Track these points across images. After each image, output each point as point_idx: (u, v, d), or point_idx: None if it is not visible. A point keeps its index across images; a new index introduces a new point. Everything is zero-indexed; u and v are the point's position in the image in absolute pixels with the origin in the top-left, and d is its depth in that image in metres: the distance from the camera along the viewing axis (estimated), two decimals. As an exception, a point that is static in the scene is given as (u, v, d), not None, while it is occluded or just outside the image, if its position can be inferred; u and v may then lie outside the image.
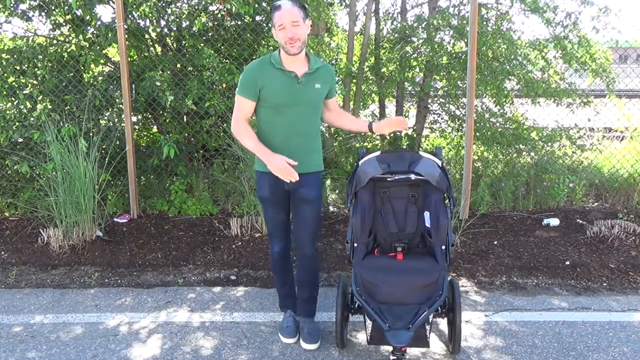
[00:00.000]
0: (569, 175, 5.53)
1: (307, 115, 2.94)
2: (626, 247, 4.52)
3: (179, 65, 5.24)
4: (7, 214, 5.32)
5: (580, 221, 5.01)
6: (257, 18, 5.47)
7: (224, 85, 5.22)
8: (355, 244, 2.92)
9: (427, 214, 3.00)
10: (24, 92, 5.15)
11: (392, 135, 6.12)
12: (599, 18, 5.57)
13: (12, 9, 4.93)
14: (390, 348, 3.04)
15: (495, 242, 4.67)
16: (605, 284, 4.01)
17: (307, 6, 3.05)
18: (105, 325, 3.44)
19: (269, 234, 3.23)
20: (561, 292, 3.91)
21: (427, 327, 2.72)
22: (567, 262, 4.30)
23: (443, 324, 3.36)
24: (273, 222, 3.14)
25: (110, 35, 4.99)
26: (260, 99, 2.89)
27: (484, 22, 5.68)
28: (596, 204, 5.64)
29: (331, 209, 5.54)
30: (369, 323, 2.74)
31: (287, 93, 2.86)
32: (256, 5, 5.09)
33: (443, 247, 2.86)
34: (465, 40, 5.42)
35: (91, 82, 5.30)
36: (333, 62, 6.07)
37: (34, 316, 3.59)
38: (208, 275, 4.25)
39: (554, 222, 4.98)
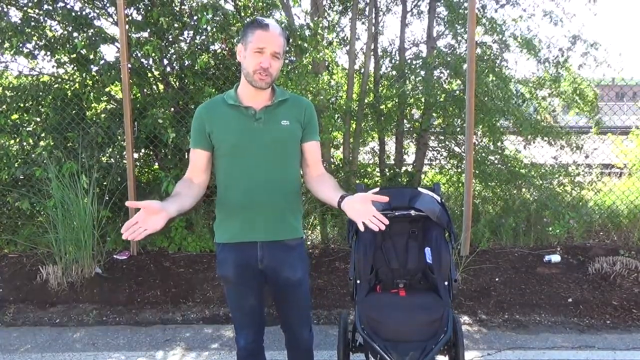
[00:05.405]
0: (568, 212, 5.53)
1: (273, 161, 2.27)
2: (628, 284, 4.50)
3: (180, 103, 5.31)
4: (6, 251, 5.29)
5: (582, 258, 4.99)
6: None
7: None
8: (358, 281, 2.90)
9: (427, 250, 3.00)
10: (28, 129, 5.20)
11: (391, 171, 6.15)
12: (589, 54, 5.67)
13: (18, 48, 5.02)
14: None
15: (497, 279, 4.64)
16: (608, 322, 3.98)
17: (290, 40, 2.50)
18: (102, 365, 3.40)
19: (233, 323, 2.53)
20: (564, 329, 3.87)
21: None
22: (570, 299, 4.27)
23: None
24: (238, 309, 2.42)
25: (113, 73, 5.07)
26: (214, 148, 2.31)
27: (480, 61, 5.78)
28: (597, 240, 5.63)
29: (331, 246, 5.53)
30: (372, 361, 2.69)
31: (242, 133, 2.25)
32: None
33: (446, 283, 2.84)
34: (461, 78, 5.51)
35: (94, 119, 5.35)
36: (333, 100, 6.14)
37: (31, 355, 3.54)
38: (207, 312, 4.21)
39: (556, 258, 4.96)
